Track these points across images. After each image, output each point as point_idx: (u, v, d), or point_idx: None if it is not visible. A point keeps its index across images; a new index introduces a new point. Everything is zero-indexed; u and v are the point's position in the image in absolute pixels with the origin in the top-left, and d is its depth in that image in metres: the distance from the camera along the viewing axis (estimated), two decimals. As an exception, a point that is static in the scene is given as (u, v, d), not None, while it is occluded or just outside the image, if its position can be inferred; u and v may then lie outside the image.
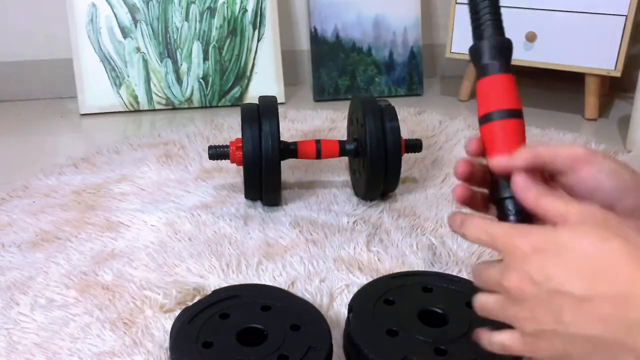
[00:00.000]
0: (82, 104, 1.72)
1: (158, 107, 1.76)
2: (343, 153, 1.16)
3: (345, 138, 1.30)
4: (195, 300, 0.81)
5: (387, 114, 1.11)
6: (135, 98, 1.74)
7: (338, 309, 0.85)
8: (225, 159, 1.13)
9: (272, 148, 1.05)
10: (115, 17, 1.70)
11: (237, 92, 1.79)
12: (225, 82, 1.78)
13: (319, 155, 1.15)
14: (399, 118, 1.12)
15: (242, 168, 1.10)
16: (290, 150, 1.14)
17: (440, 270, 0.92)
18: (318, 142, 1.15)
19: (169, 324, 0.78)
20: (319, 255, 0.98)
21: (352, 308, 0.75)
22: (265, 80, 1.79)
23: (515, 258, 0.47)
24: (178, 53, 1.74)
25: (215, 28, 1.75)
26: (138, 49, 1.72)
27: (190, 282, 0.91)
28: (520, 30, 1.65)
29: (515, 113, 0.53)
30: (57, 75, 1.82)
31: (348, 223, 1.09)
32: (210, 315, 0.73)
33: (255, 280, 0.92)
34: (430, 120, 1.58)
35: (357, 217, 1.11)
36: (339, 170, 1.31)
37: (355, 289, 0.80)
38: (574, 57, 1.62)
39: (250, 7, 1.75)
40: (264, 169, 1.06)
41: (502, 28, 0.55)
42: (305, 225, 1.07)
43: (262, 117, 1.07)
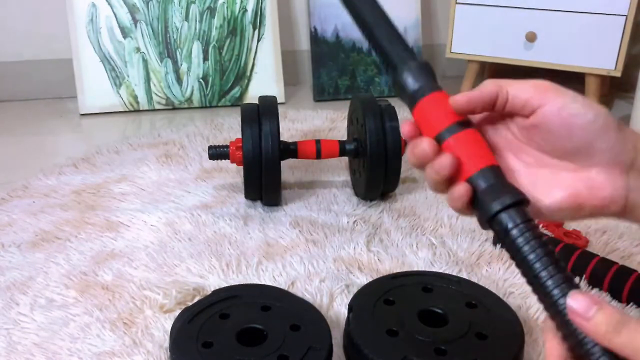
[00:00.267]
0: (82, 104, 1.72)
1: (158, 107, 1.76)
2: (343, 153, 1.16)
3: (345, 138, 1.30)
4: (195, 300, 0.81)
5: (387, 114, 1.11)
6: (135, 98, 1.74)
7: (338, 309, 0.85)
8: (225, 159, 1.13)
9: (272, 148, 1.05)
10: (115, 17, 1.70)
11: (237, 92, 1.79)
12: (225, 82, 1.78)
13: (319, 155, 1.15)
14: (399, 118, 1.12)
15: (242, 168, 1.10)
16: (290, 150, 1.14)
17: (440, 270, 0.92)
18: (318, 142, 1.15)
19: (169, 324, 0.78)
20: (319, 255, 0.98)
21: (352, 308, 0.75)
22: (265, 80, 1.79)
23: None
24: (178, 53, 1.74)
25: (215, 28, 1.75)
26: (138, 49, 1.72)
27: (190, 282, 0.91)
28: (520, 30, 1.65)
29: (464, 123, 0.47)
30: (57, 75, 1.82)
31: (348, 223, 1.08)
32: (210, 315, 0.73)
33: (255, 280, 0.92)
34: (430, 120, 1.58)
35: (357, 217, 1.10)
36: (339, 170, 1.31)
37: (355, 289, 0.80)
38: (574, 57, 1.62)
39: (250, 7, 1.75)
40: (264, 169, 1.06)
41: (412, 51, 0.51)
42: (305, 225, 1.07)
43: (262, 117, 1.07)
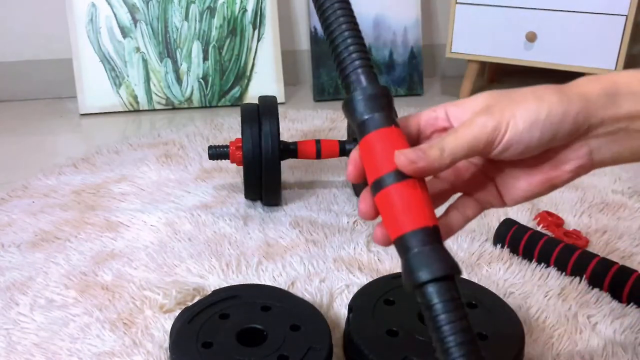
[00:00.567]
0: (81, 104, 1.72)
1: (158, 107, 1.76)
2: (343, 153, 1.16)
3: (345, 138, 1.30)
4: (195, 301, 0.81)
5: (387, 114, 1.11)
6: (135, 98, 1.74)
7: (338, 309, 0.85)
8: (225, 159, 1.13)
9: (272, 148, 1.05)
10: (115, 17, 1.70)
11: (237, 92, 1.79)
12: (225, 82, 1.78)
13: (319, 155, 1.15)
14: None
15: (242, 168, 1.10)
16: (290, 150, 1.14)
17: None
18: (318, 142, 1.15)
19: (169, 324, 0.78)
20: (319, 255, 0.98)
21: (352, 308, 0.74)
22: (265, 80, 1.79)
23: None
24: (178, 53, 1.74)
25: (215, 28, 1.75)
26: (138, 49, 1.72)
27: (190, 282, 0.91)
28: (521, 30, 1.65)
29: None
30: (56, 75, 1.82)
31: (348, 223, 1.08)
32: (210, 316, 0.73)
33: (255, 281, 0.91)
34: (431, 120, 1.58)
35: (357, 217, 1.10)
36: (339, 170, 1.31)
37: (355, 289, 0.80)
38: (574, 57, 1.62)
39: (250, 7, 1.75)
40: (264, 169, 1.06)
41: (372, 74, 0.46)
42: (305, 225, 1.07)
43: (262, 117, 1.07)
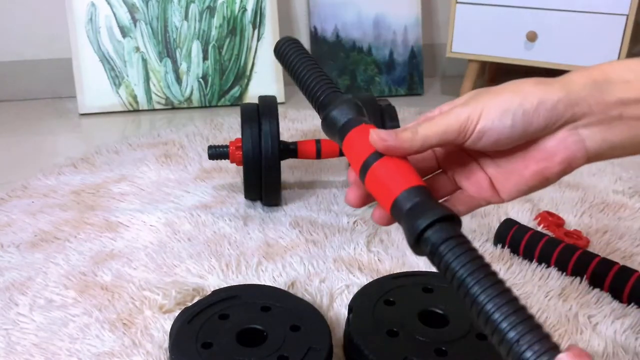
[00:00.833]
0: (81, 104, 1.72)
1: (157, 106, 1.76)
2: (343, 153, 1.16)
3: (345, 138, 1.30)
4: (195, 301, 0.81)
5: (387, 114, 1.11)
6: (135, 98, 1.74)
7: (338, 310, 0.84)
8: (225, 159, 1.13)
9: (272, 148, 1.05)
10: (115, 16, 1.70)
11: (236, 91, 1.79)
12: (225, 81, 1.78)
13: (319, 155, 1.15)
14: (400, 118, 1.12)
15: (242, 168, 1.09)
16: (290, 150, 1.14)
17: (441, 271, 0.92)
18: (318, 142, 1.15)
19: (169, 325, 0.78)
20: (319, 256, 0.98)
21: (352, 308, 0.74)
22: (265, 80, 1.79)
23: None
24: (177, 52, 1.74)
25: (215, 27, 1.74)
26: (137, 49, 1.72)
27: (190, 282, 0.90)
28: (521, 30, 1.64)
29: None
30: (56, 75, 1.82)
31: (348, 223, 1.08)
32: (210, 316, 0.73)
33: (255, 281, 0.91)
34: (431, 120, 1.58)
35: (357, 217, 1.10)
36: (339, 170, 1.31)
37: (356, 290, 0.80)
38: (575, 56, 1.62)
39: (250, 6, 1.75)
40: (264, 169, 1.06)
41: (337, 91, 0.54)
42: (305, 226, 1.07)
43: (262, 117, 1.07)
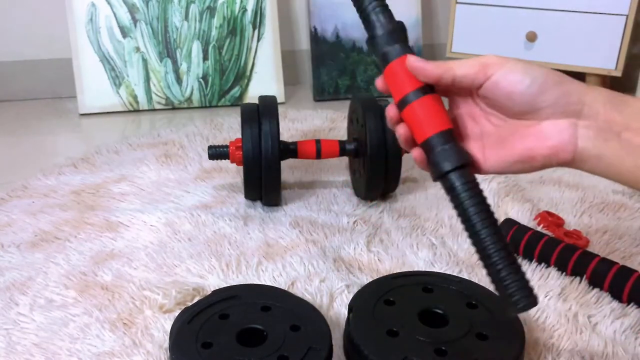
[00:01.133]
0: (81, 104, 1.72)
1: (157, 106, 1.76)
2: (343, 153, 1.16)
3: (345, 138, 1.30)
4: (195, 301, 0.81)
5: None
6: (135, 98, 1.74)
7: (338, 309, 0.85)
8: (225, 159, 1.13)
9: (272, 148, 1.05)
10: (115, 16, 1.70)
11: (236, 91, 1.79)
12: (225, 81, 1.78)
13: (319, 155, 1.15)
14: (399, 118, 1.12)
15: (242, 168, 1.09)
16: (290, 150, 1.14)
17: (441, 271, 0.92)
18: (318, 142, 1.15)
19: (169, 325, 0.78)
20: (319, 256, 0.98)
21: (352, 308, 0.74)
22: (265, 80, 1.79)
23: None
24: (178, 53, 1.74)
25: (215, 28, 1.74)
26: (138, 49, 1.72)
27: (190, 282, 0.90)
28: (521, 30, 1.64)
29: (427, 90, 0.55)
30: (56, 75, 1.82)
31: (348, 223, 1.08)
32: (210, 316, 0.73)
33: (255, 281, 0.91)
34: (431, 120, 1.58)
35: (357, 217, 1.10)
36: (339, 170, 1.31)
37: (356, 289, 0.80)
38: (575, 56, 1.62)
39: (250, 6, 1.75)
40: (264, 169, 1.06)
41: (390, 13, 0.58)
42: (305, 225, 1.07)
43: (262, 117, 1.07)
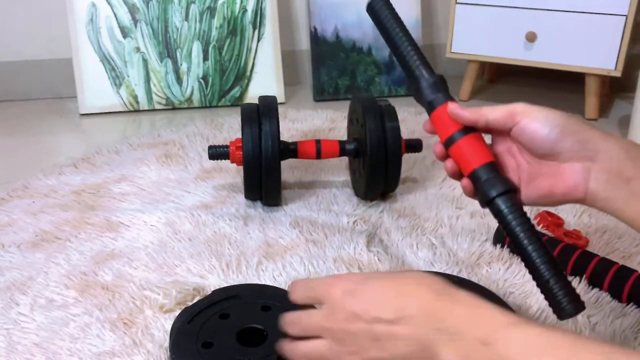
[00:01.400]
0: (81, 104, 1.72)
1: (158, 107, 1.76)
2: (343, 153, 1.16)
3: (345, 138, 1.30)
4: (195, 301, 0.81)
5: (387, 114, 1.11)
6: (135, 98, 1.74)
7: (338, 309, 0.85)
8: (225, 159, 1.13)
9: (272, 148, 1.05)
10: (115, 16, 1.70)
11: (237, 92, 1.79)
12: (225, 82, 1.78)
13: (319, 155, 1.15)
14: (399, 118, 1.12)
15: (242, 168, 1.10)
16: (290, 150, 1.14)
17: (441, 271, 0.92)
18: (318, 142, 1.15)
19: (169, 324, 0.78)
20: (319, 255, 0.98)
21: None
22: (265, 80, 1.79)
23: (336, 302, 0.53)
24: (178, 53, 1.74)
25: (215, 28, 1.75)
26: (138, 49, 1.72)
27: (190, 282, 0.91)
28: (521, 30, 1.65)
29: (469, 129, 0.62)
30: (57, 75, 1.82)
31: (348, 223, 1.08)
32: (210, 316, 0.73)
33: (255, 280, 0.92)
34: (431, 120, 1.58)
35: (357, 217, 1.10)
36: (339, 170, 1.31)
37: (355, 289, 0.80)
38: (574, 57, 1.62)
39: (250, 7, 1.75)
40: (264, 169, 1.06)
41: (430, 67, 0.66)
42: (305, 225, 1.07)
43: (262, 117, 1.07)
